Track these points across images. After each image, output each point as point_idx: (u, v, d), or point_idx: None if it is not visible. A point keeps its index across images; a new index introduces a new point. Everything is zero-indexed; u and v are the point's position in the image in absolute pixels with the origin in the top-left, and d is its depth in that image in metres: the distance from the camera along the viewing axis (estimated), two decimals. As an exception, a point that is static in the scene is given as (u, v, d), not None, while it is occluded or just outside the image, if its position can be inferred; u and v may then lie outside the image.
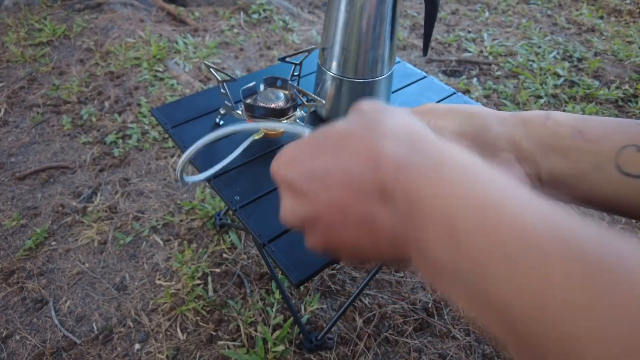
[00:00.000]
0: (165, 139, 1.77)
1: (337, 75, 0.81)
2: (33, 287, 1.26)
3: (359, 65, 0.78)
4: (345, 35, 0.75)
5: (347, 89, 0.82)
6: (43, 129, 1.81)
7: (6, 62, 2.15)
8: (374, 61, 0.77)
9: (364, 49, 0.75)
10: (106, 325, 1.18)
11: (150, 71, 2.12)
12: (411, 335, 1.17)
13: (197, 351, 1.12)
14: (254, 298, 1.23)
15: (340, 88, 0.82)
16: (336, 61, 0.79)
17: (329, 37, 0.78)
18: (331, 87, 0.83)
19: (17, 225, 1.43)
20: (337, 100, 0.84)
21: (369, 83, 0.80)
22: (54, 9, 2.59)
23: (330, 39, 0.78)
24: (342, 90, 0.82)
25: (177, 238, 1.40)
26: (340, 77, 0.81)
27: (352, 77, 0.80)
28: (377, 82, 0.81)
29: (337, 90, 0.83)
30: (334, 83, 0.82)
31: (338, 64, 0.79)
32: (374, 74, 0.79)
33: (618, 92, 2.10)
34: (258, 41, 2.45)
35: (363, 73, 0.79)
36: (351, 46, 0.75)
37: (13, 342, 1.15)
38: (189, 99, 0.99)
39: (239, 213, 0.74)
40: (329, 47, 0.79)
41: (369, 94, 0.82)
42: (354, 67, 0.78)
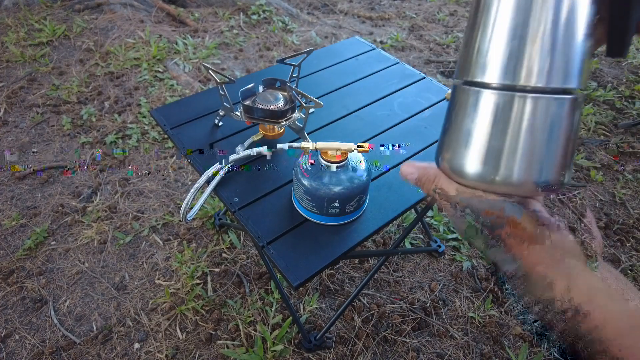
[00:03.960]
0: (165, 139, 1.77)
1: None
2: (32, 286, 1.27)
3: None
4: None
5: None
6: (43, 129, 1.81)
7: (6, 62, 2.16)
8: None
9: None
10: (106, 324, 1.18)
11: (150, 72, 2.12)
12: (409, 335, 1.18)
13: (196, 350, 1.13)
14: (253, 297, 1.24)
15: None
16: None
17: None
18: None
19: (16, 224, 1.43)
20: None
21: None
22: (54, 9, 2.59)
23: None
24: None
25: (177, 238, 1.41)
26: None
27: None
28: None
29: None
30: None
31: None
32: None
33: (614, 93, 2.11)
34: (257, 42, 2.46)
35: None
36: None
37: (12, 341, 1.15)
38: (188, 100, 1.00)
39: (238, 215, 0.75)
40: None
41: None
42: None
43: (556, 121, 0.30)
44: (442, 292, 1.29)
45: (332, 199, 0.68)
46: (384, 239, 1.43)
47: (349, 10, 2.93)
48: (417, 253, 1.39)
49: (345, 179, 0.68)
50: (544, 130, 0.30)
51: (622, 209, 1.58)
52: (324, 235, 0.72)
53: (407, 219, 1.49)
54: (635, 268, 1.37)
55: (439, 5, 3.04)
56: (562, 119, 0.30)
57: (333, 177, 0.68)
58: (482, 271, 1.35)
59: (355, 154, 0.72)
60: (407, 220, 1.49)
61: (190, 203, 0.73)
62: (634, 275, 1.35)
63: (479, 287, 1.31)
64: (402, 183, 0.81)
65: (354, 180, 0.69)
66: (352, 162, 0.70)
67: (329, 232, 0.72)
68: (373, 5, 3.03)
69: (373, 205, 0.77)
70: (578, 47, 0.29)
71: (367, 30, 2.70)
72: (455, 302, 1.26)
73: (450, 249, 1.41)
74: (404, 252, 1.38)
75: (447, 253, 1.40)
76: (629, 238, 1.47)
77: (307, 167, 0.70)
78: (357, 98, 1.03)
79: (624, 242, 1.46)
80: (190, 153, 0.85)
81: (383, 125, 0.95)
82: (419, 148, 0.89)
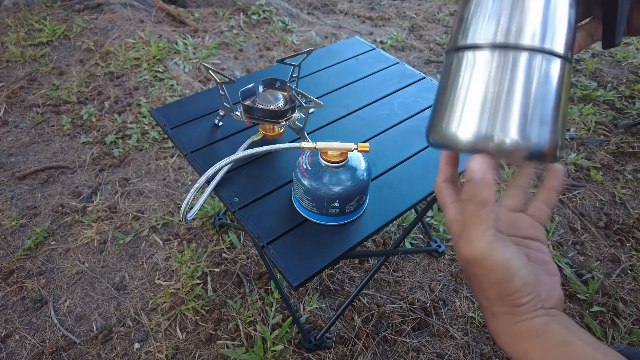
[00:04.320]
0: (165, 139, 1.77)
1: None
2: (32, 286, 1.27)
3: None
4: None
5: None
6: (43, 129, 1.81)
7: (6, 62, 2.16)
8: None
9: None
10: (106, 324, 1.18)
11: (150, 72, 2.12)
12: (409, 335, 1.18)
13: (196, 350, 1.13)
14: (253, 297, 1.24)
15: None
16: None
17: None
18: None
19: (16, 224, 1.43)
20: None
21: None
22: (54, 9, 2.59)
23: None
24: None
25: (177, 238, 1.41)
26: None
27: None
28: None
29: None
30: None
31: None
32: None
33: (614, 93, 2.11)
34: (257, 42, 2.46)
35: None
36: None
37: (12, 341, 1.15)
38: (188, 100, 1.00)
39: (238, 215, 0.75)
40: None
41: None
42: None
43: (550, 80, 0.30)
44: (442, 292, 1.29)
45: (332, 199, 0.68)
46: (384, 239, 1.43)
47: (349, 10, 2.93)
48: (417, 253, 1.39)
49: (345, 179, 0.68)
50: (538, 88, 0.30)
51: (622, 209, 1.58)
52: (324, 235, 0.72)
53: (407, 219, 1.49)
54: (635, 268, 1.37)
55: (439, 5, 3.04)
56: (554, 79, 0.30)
57: (333, 177, 0.68)
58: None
59: (355, 154, 0.72)
60: (407, 220, 1.49)
61: (190, 203, 0.73)
62: (634, 275, 1.35)
63: (479, 287, 1.30)
64: (402, 183, 0.81)
65: (354, 180, 0.69)
66: (352, 162, 0.70)
67: (329, 232, 0.72)
68: (373, 5, 3.03)
69: (373, 205, 0.77)
70: (564, 14, 0.31)
71: (367, 30, 2.70)
72: (455, 302, 1.26)
73: (450, 249, 1.41)
74: (404, 252, 1.38)
75: (447, 253, 1.40)
76: (629, 238, 1.47)
77: (307, 167, 0.70)
78: (357, 98, 1.03)
79: (624, 242, 1.46)
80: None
81: (383, 125, 0.95)
82: (419, 148, 0.89)
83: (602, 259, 1.41)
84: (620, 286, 1.32)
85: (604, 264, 1.39)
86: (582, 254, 1.42)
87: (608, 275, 1.35)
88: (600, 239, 1.47)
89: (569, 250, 1.43)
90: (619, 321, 1.22)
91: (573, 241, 1.46)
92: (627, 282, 1.33)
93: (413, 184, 0.81)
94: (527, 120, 0.30)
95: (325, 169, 0.69)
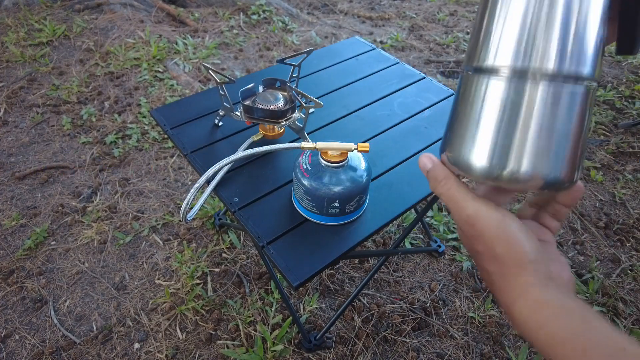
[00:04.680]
0: (165, 139, 1.77)
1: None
2: (32, 286, 1.27)
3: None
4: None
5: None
6: (43, 129, 1.81)
7: (6, 62, 2.16)
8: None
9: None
10: (106, 324, 1.18)
11: (150, 72, 2.12)
12: (409, 335, 1.18)
13: (196, 350, 1.13)
14: (253, 297, 1.24)
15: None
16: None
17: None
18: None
19: (16, 225, 1.43)
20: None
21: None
22: (54, 9, 2.59)
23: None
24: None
25: (177, 238, 1.41)
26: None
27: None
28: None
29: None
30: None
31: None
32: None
33: (614, 93, 2.11)
34: (257, 42, 2.46)
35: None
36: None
37: (12, 341, 1.15)
38: (188, 100, 1.00)
39: (238, 215, 0.75)
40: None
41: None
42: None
43: (568, 111, 0.28)
44: (442, 292, 1.29)
45: (332, 199, 0.68)
46: (384, 239, 1.43)
47: (349, 10, 2.93)
48: (417, 253, 1.39)
49: (345, 179, 0.68)
50: (555, 120, 0.28)
51: (622, 209, 1.58)
52: (324, 235, 0.72)
53: (407, 219, 1.49)
54: (635, 268, 1.37)
55: (439, 5, 3.04)
56: (574, 109, 0.28)
57: (333, 177, 0.68)
58: (482, 271, 1.35)
59: (355, 153, 0.72)
60: (407, 220, 1.49)
61: (190, 203, 0.73)
62: (634, 275, 1.35)
63: (479, 287, 1.31)
64: (402, 183, 0.81)
65: (354, 180, 0.69)
66: (352, 162, 0.70)
67: (329, 232, 0.72)
68: (373, 5, 3.03)
69: (373, 205, 0.77)
70: (593, 33, 0.27)
71: (367, 30, 2.70)
72: (455, 302, 1.26)
73: (450, 249, 1.41)
74: (404, 252, 1.38)
75: (447, 253, 1.40)
76: (629, 238, 1.47)
77: (307, 167, 0.70)
78: (357, 98, 1.03)
79: (624, 242, 1.46)
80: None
81: (383, 125, 0.95)
82: (419, 148, 0.89)
83: (602, 259, 1.41)
84: (620, 286, 1.32)
85: (604, 264, 1.39)
86: (582, 254, 1.42)
87: (608, 275, 1.35)
88: (600, 239, 1.47)
89: (569, 250, 1.43)
90: (619, 321, 1.22)
91: (573, 241, 1.46)
92: (627, 282, 1.33)
93: (413, 184, 0.81)
94: (545, 155, 0.28)
95: (325, 169, 0.69)
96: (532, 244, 0.29)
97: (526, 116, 0.28)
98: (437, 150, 0.89)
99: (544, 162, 0.28)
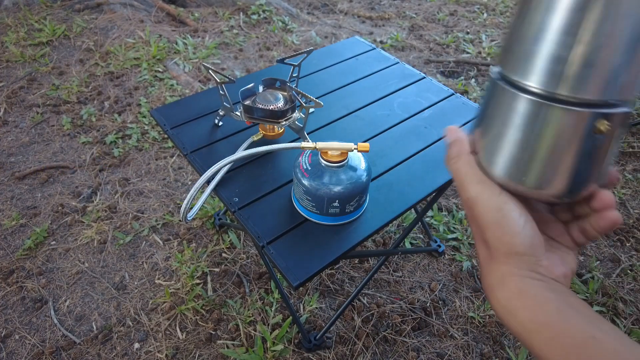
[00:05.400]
0: (165, 139, 1.77)
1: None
2: (32, 286, 1.27)
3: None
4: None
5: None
6: (43, 129, 1.81)
7: (6, 62, 2.16)
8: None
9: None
10: (106, 324, 1.19)
11: (150, 71, 2.12)
12: (409, 335, 1.18)
13: (196, 350, 1.13)
14: (253, 297, 1.24)
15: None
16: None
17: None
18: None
19: (16, 224, 1.43)
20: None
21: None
22: (54, 9, 2.59)
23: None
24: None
25: (177, 238, 1.41)
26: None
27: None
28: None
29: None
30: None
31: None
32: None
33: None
34: (257, 42, 2.46)
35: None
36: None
37: (12, 341, 1.15)
38: (188, 100, 1.00)
39: (238, 215, 0.75)
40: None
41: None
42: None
43: (598, 141, 0.26)
44: (442, 292, 1.29)
45: (332, 199, 0.68)
46: (384, 239, 1.43)
47: (349, 10, 2.93)
48: (417, 253, 1.39)
49: (345, 179, 0.68)
50: (583, 148, 0.26)
51: (622, 209, 1.58)
52: (324, 235, 0.72)
53: (407, 219, 1.49)
54: (635, 268, 1.37)
55: (439, 5, 3.04)
56: (605, 139, 0.26)
57: (333, 177, 0.68)
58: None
59: (355, 153, 0.72)
60: (407, 220, 1.49)
61: (190, 203, 0.73)
62: (634, 275, 1.35)
63: (479, 287, 1.31)
64: (402, 183, 0.81)
65: (354, 180, 0.69)
66: (352, 162, 0.70)
67: (329, 232, 0.72)
68: (373, 5, 3.03)
69: (373, 205, 0.77)
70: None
71: (367, 30, 2.70)
72: (455, 302, 1.26)
73: (450, 249, 1.41)
74: (404, 252, 1.38)
75: (447, 253, 1.40)
76: (629, 238, 1.47)
77: (307, 167, 0.70)
78: (357, 98, 1.03)
79: (624, 242, 1.46)
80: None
81: (383, 125, 0.95)
82: (418, 148, 0.89)
83: (602, 258, 1.41)
84: (620, 286, 1.32)
85: (604, 263, 1.39)
86: (582, 253, 1.42)
87: (608, 275, 1.35)
88: (600, 239, 1.47)
89: (569, 250, 1.43)
90: (619, 321, 1.22)
91: (573, 241, 1.46)
92: (627, 282, 1.33)
93: (413, 184, 0.81)
94: (569, 176, 0.27)
95: (325, 169, 0.69)
96: (526, 238, 0.30)
97: (549, 141, 0.27)
98: (436, 150, 0.89)
99: (564, 184, 0.28)
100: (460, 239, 1.43)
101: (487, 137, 0.31)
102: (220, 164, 0.75)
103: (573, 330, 0.26)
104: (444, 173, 0.84)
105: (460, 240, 1.43)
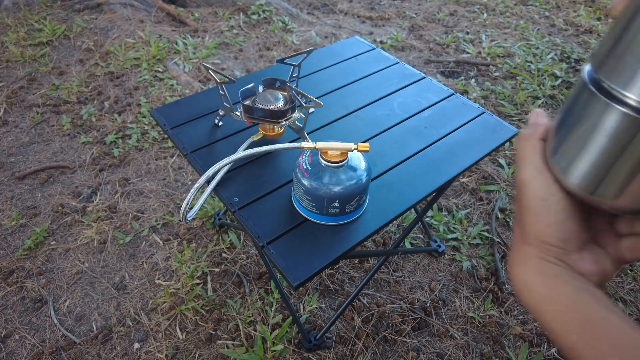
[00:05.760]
0: (165, 139, 1.77)
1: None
2: (32, 286, 1.27)
3: None
4: None
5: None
6: (43, 128, 1.81)
7: (6, 62, 2.16)
8: None
9: None
10: (105, 324, 1.19)
11: (150, 71, 2.12)
12: (409, 335, 1.18)
13: (196, 350, 1.13)
14: (253, 297, 1.24)
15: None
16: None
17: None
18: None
19: (16, 224, 1.43)
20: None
21: None
22: (54, 9, 2.59)
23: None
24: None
25: (177, 238, 1.41)
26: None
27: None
28: None
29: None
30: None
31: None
32: None
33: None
34: (257, 42, 2.46)
35: None
36: None
37: (12, 341, 1.15)
38: (188, 100, 1.00)
39: (238, 215, 0.75)
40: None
41: None
42: None
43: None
44: (442, 292, 1.29)
45: (332, 199, 0.68)
46: (384, 239, 1.43)
47: (349, 10, 2.93)
48: (417, 253, 1.39)
49: (345, 179, 0.68)
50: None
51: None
52: (324, 235, 0.72)
53: (407, 219, 1.49)
54: (635, 268, 1.37)
55: (439, 5, 3.04)
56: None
57: (333, 177, 0.68)
58: (482, 271, 1.35)
59: (355, 153, 0.72)
60: (407, 220, 1.49)
61: (190, 203, 0.73)
62: (634, 275, 1.35)
63: (479, 287, 1.31)
64: (402, 183, 0.81)
65: (354, 180, 0.69)
66: (352, 162, 0.70)
67: (329, 232, 0.72)
68: (373, 5, 3.03)
69: (373, 205, 0.77)
70: None
71: (367, 30, 2.70)
72: (455, 302, 1.26)
73: (450, 249, 1.41)
74: (404, 252, 1.38)
75: (447, 253, 1.40)
76: (629, 238, 1.47)
77: (307, 167, 0.70)
78: (357, 98, 1.03)
79: (624, 242, 1.46)
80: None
81: (383, 125, 0.95)
82: (418, 148, 0.89)
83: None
84: (620, 286, 1.32)
85: (604, 264, 1.39)
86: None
87: (608, 275, 1.35)
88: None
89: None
90: (619, 321, 1.22)
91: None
92: (627, 282, 1.33)
93: (413, 184, 0.81)
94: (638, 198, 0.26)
95: (325, 169, 0.69)
96: (560, 232, 0.30)
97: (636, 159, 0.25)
98: (436, 150, 0.89)
99: (632, 196, 0.27)
100: (460, 239, 1.43)
101: (561, 132, 0.30)
102: (220, 164, 0.75)
103: (585, 308, 0.27)
104: (444, 173, 0.84)
105: (460, 240, 1.43)
